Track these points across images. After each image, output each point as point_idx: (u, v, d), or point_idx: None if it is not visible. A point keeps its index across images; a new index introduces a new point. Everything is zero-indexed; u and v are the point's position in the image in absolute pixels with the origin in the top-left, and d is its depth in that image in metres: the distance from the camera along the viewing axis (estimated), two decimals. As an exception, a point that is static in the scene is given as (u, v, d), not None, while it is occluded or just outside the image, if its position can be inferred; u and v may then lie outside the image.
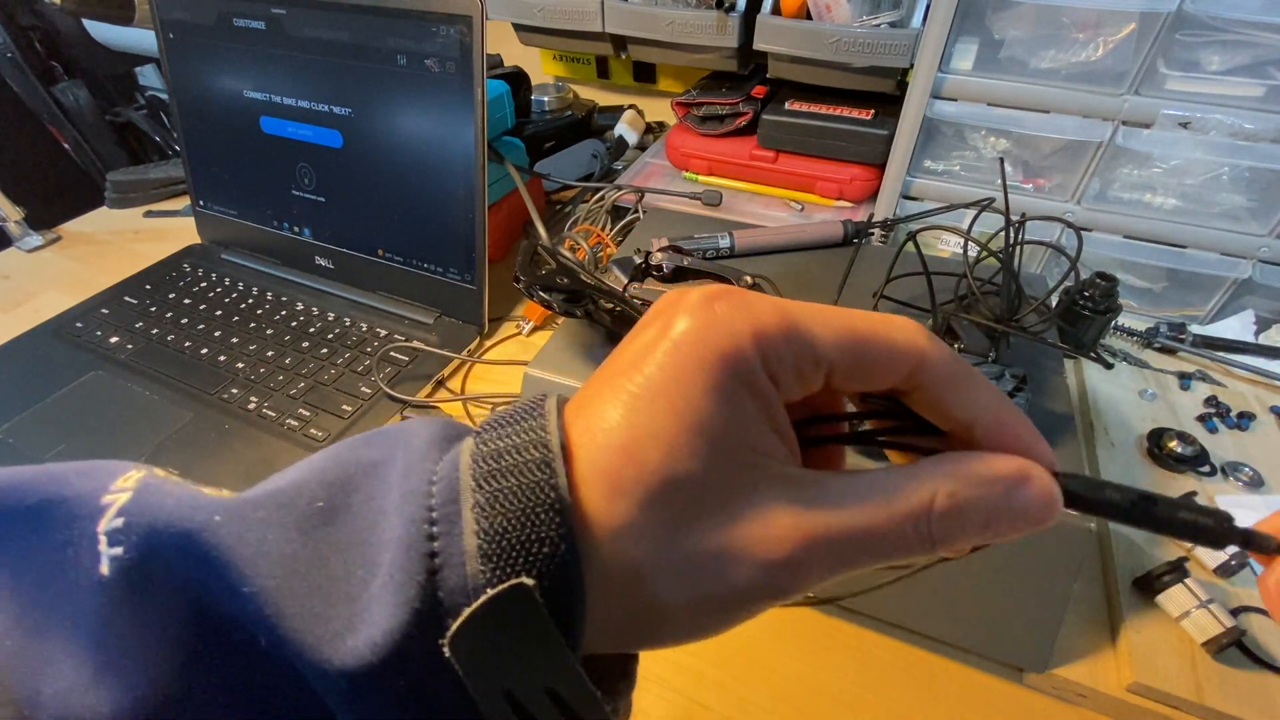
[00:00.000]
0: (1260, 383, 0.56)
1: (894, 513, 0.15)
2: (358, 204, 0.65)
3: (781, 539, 0.15)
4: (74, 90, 1.05)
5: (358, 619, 0.14)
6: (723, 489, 0.15)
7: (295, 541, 0.15)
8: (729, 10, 0.67)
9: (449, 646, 0.14)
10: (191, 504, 0.16)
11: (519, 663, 0.14)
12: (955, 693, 0.39)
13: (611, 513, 0.15)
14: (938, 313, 0.41)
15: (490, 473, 0.15)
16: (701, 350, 0.15)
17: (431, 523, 0.15)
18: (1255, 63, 0.53)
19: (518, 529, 0.14)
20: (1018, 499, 0.16)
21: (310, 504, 0.16)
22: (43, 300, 0.71)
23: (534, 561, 0.14)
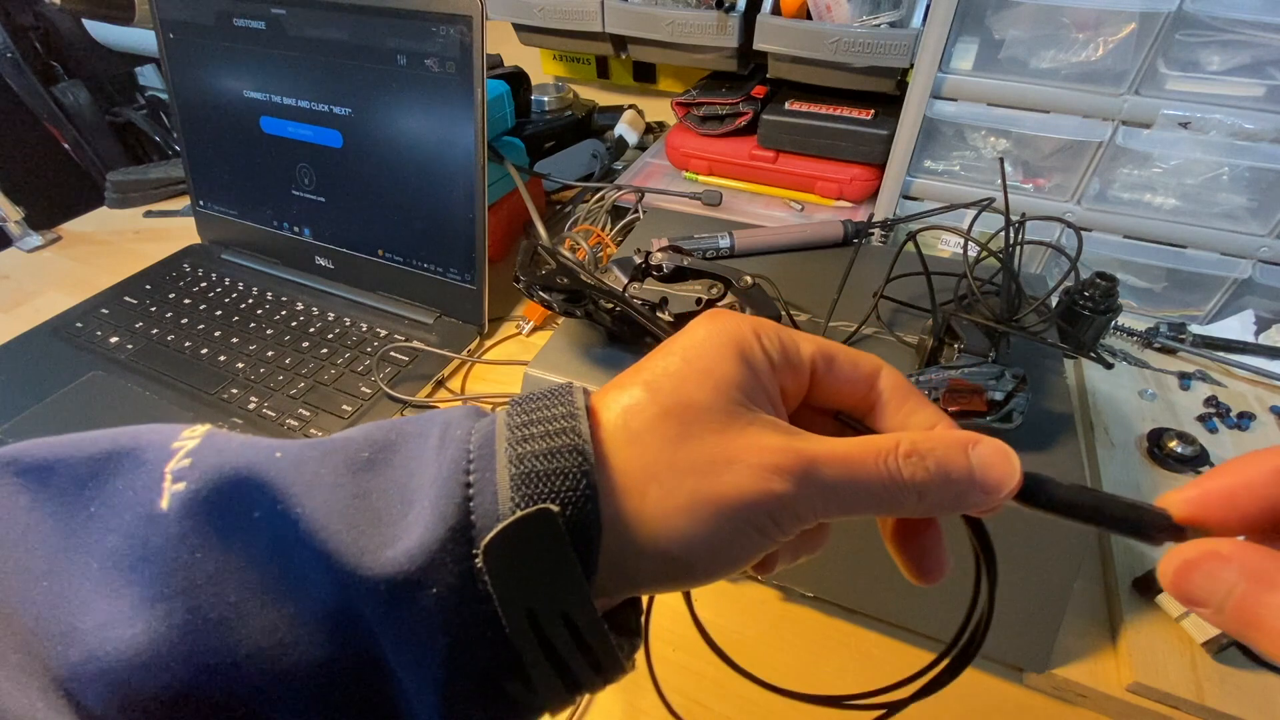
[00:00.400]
0: (1260, 383, 0.56)
1: (867, 449, 0.18)
2: (358, 204, 0.65)
3: (772, 449, 0.17)
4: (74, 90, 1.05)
5: (398, 537, 0.16)
6: (724, 414, 0.18)
7: (344, 477, 0.17)
8: (729, 10, 0.67)
9: (482, 555, 0.16)
10: (254, 445, 0.18)
11: (541, 583, 0.16)
12: (955, 693, 0.39)
13: (627, 429, 0.18)
14: (938, 313, 0.41)
15: (522, 424, 0.18)
16: (713, 332, 0.19)
17: (469, 462, 0.17)
18: (1255, 63, 0.53)
19: (545, 467, 0.17)
20: (975, 453, 0.18)
21: (357, 454, 0.18)
22: (43, 300, 0.71)
23: (558, 493, 0.16)
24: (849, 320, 0.46)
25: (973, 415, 0.36)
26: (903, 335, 0.46)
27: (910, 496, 0.18)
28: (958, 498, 0.18)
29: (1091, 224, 0.64)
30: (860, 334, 0.46)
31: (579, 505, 0.16)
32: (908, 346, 0.45)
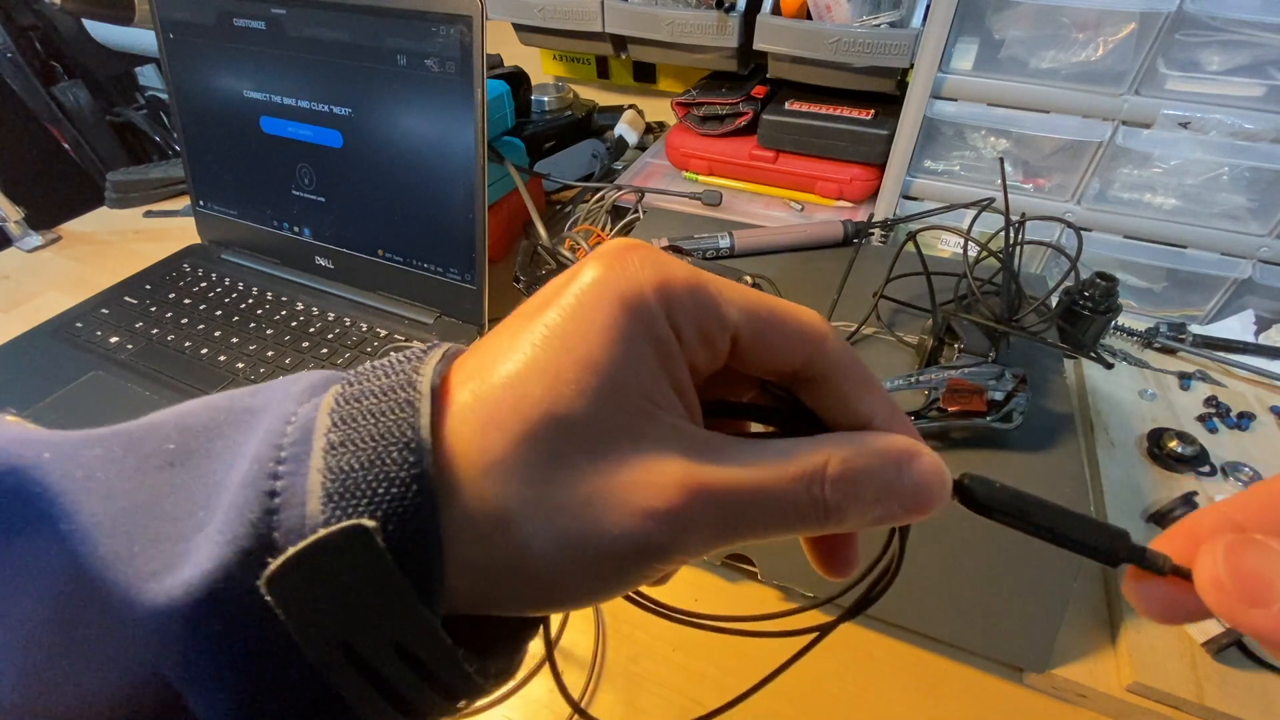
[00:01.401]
0: (1260, 383, 0.56)
1: (788, 473, 0.15)
2: (358, 204, 0.65)
3: (665, 486, 0.14)
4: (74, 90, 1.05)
5: (180, 559, 0.13)
6: (609, 430, 0.14)
7: (130, 480, 0.14)
8: (729, 10, 0.67)
9: (265, 587, 0.13)
10: (22, 440, 0.14)
11: (358, 612, 0.13)
12: (955, 693, 0.39)
13: (483, 448, 0.14)
14: (938, 313, 0.41)
15: (351, 414, 0.14)
16: (604, 293, 0.14)
17: (279, 461, 0.14)
18: (1255, 63, 0.53)
19: (366, 468, 0.13)
20: (909, 472, 0.16)
21: (160, 445, 0.15)
22: (43, 300, 0.71)
23: (379, 503, 0.13)
24: (849, 320, 0.46)
25: (973, 415, 0.36)
26: (903, 335, 0.46)
27: (834, 522, 0.15)
28: (884, 518, 0.16)
29: (1091, 224, 0.64)
30: (860, 334, 0.46)
31: (406, 518, 0.13)
32: (908, 346, 0.45)
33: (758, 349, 0.16)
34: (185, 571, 0.13)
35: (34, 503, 0.14)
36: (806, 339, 0.16)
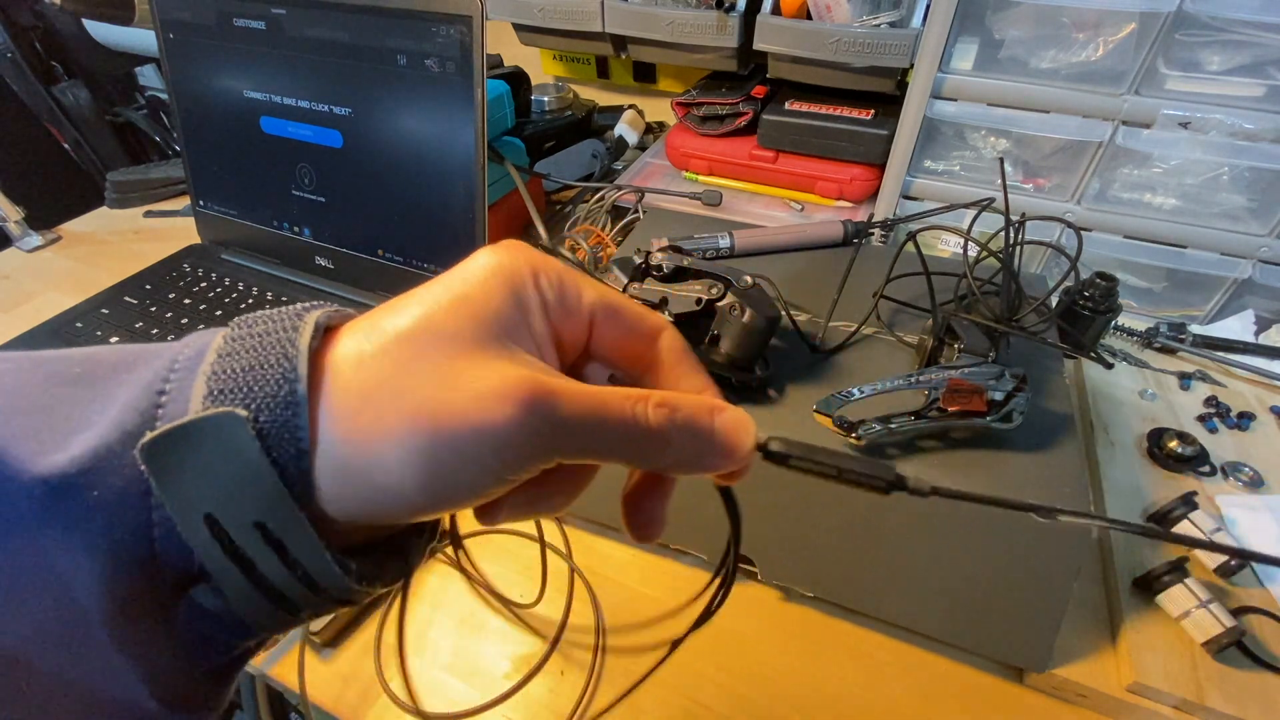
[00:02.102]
0: (1260, 383, 0.56)
1: (619, 393, 0.17)
2: (358, 204, 0.65)
3: (506, 376, 0.16)
4: (74, 90, 1.05)
5: (70, 441, 0.15)
6: (467, 343, 0.16)
7: (34, 389, 0.16)
8: (729, 10, 0.67)
9: (140, 454, 0.14)
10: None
11: (224, 487, 0.15)
12: (955, 693, 0.39)
13: (358, 354, 0.16)
14: (938, 313, 0.41)
15: (240, 337, 0.16)
16: (488, 265, 0.18)
17: (171, 371, 0.16)
18: (1255, 63, 0.53)
19: (246, 371, 0.15)
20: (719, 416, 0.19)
21: (67, 367, 0.16)
22: (43, 300, 0.71)
23: (254, 397, 0.15)
24: (849, 320, 0.46)
25: (973, 415, 0.36)
26: (903, 335, 0.46)
27: (655, 445, 0.17)
28: (699, 455, 0.18)
29: (1091, 224, 0.64)
30: (860, 334, 0.46)
31: (276, 410, 0.15)
32: (908, 346, 0.45)
33: (609, 334, 0.20)
34: (73, 449, 0.14)
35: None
36: (651, 326, 0.20)
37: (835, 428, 0.37)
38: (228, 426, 0.15)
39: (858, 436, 0.36)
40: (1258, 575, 0.41)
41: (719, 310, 0.41)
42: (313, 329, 0.16)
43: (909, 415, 0.37)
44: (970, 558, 0.37)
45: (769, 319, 0.39)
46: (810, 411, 0.37)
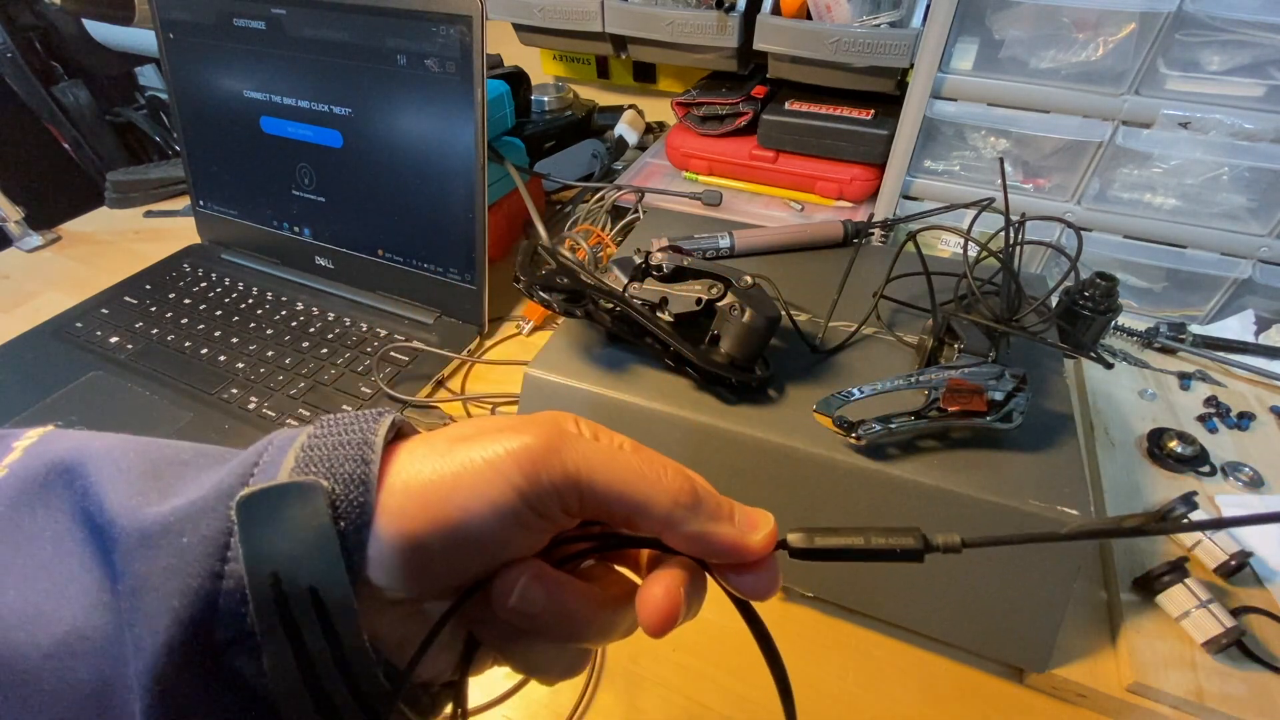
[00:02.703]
0: (1260, 383, 0.56)
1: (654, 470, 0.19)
2: (358, 204, 0.65)
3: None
4: (74, 90, 1.05)
5: (172, 500, 0.17)
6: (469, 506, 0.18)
7: (152, 465, 0.18)
8: (729, 10, 0.67)
9: (235, 508, 0.16)
10: (81, 436, 0.19)
11: (293, 548, 0.16)
12: (955, 693, 0.39)
13: (405, 488, 0.18)
14: (938, 313, 0.41)
15: (322, 433, 0.19)
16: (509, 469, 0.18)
17: (266, 450, 0.18)
18: (1255, 63, 0.53)
19: (331, 449, 0.18)
20: (742, 510, 0.20)
21: (178, 453, 0.19)
22: (43, 300, 0.71)
23: (334, 474, 0.17)
24: (849, 320, 0.46)
25: (973, 415, 0.36)
26: (903, 335, 0.46)
27: (663, 499, 0.18)
28: (706, 534, 0.19)
29: (1091, 224, 0.64)
30: (860, 334, 0.46)
31: (350, 487, 0.17)
32: (908, 346, 0.45)
33: (603, 518, 0.20)
34: (174, 503, 0.17)
35: (81, 473, 0.17)
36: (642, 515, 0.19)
37: (835, 428, 0.37)
38: (309, 493, 0.17)
39: (858, 436, 0.36)
40: (1258, 575, 0.41)
41: (719, 310, 0.41)
42: (388, 425, 0.19)
43: (909, 415, 0.37)
44: (970, 558, 0.37)
45: (769, 319, 0.39)
46: (810, 411, 0.37)
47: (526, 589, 0.19)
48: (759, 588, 0.20)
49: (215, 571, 0.16)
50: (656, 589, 0.19)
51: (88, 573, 0.16)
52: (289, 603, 0.16)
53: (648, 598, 0.19)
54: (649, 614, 0.19)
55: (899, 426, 0.36)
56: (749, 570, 0.19)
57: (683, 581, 0.19)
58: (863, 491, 0.37)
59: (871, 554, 0.18)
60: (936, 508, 0.36)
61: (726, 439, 0.40)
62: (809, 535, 0.19)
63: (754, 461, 0.39)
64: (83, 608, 0.16)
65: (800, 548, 0.19)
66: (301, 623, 0.16)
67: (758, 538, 0.19)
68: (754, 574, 0.19)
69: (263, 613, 0.16)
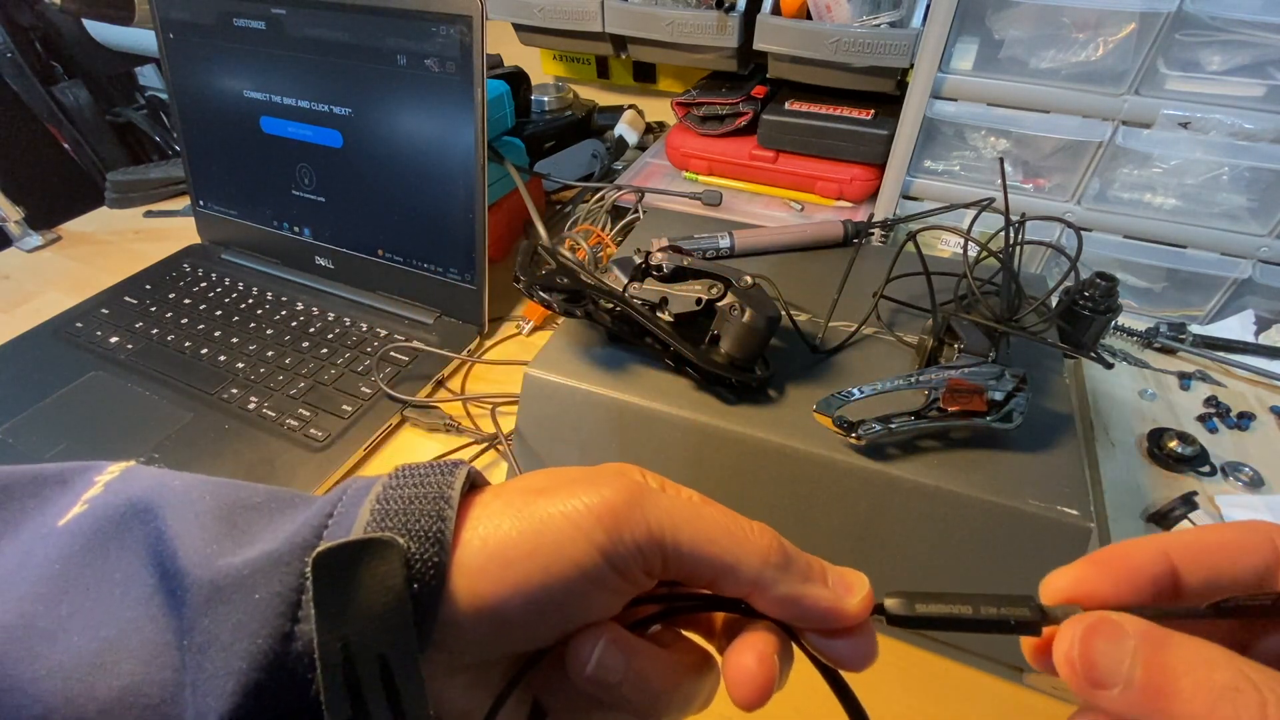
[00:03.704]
0: (1260, 383, 0.56)
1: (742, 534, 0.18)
2: (358, 204, 0.65)
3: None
4: (74, 90, 1.05)
5: (245, 550, 0.16)
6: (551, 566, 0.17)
7: (226, 509, 0.17)
8: (729, 10, 0.67)
9: (311, 565, 0.15)
10: (160, 475, 0.18)
11: (365, 611, 0.15)
12: (955, 693, 0.39)
13: (482, 549, 0.17)
14: (938, 313, 0.41)
15: (397, 485, 0.18)
16: (592, 529, 0.17)
17: (341, 499, 0.17)
18: (1255, 63, 0.53)
19: (407, 501, 0.17)
20: (835, 575, 0.18)
21: (250, 496, 0.18)
22: (43, 300, 0.71)
23: (410, 530, 0.16)
24: (849, 320, 0.46)
25: (973, 415, 0.36)
26: (903, 335, 0.46)
27: (753, 559, 0.17)
28: (804, 579, 0.18)
29: (1091, 224, 0.64)
30: (860, 334, 0.46)
31: (425, 545, 0.16)
32: (908, 346, 0.45)
33: (685, 579, 0.18)
34: (247, 554, 0.16)
35: (156, 514, 0.17)
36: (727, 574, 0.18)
37: (835, 428, 0.37)
38: (386, 551, 0.16)
39: (858, 436, 0.36)
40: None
41: (719, 310, 0.41)
42: (464, 479, 0.18)
43: (909, 415, 0.37)
44: (970, 558, 0.37)
45: (769, 319, 0.39)
46: (810, 411, 0.37)
47: (605, 655, 0.17)
48: (854, 656, 0.18)
49: (285, 633, 0.15)
50: (748, 658, 0.17)
51: (153, 623, 0.15)
52: (357, 671, 0.15)
53: (739, 665, 0.17)
54: (743, 684, 0.17)
55: (899, 426, 0.36)
56: (841, 636, 0.18)
57: (775, 648, 0.18)
58: (862, 491, 0.37)
59: (980, 625, 0.17)
60: (936, 508, 0.36)
61: (726, 439, 0.40)
62: (909, 601, 0.17)
63: (754, 461, 0.39)
64: (144, 661, 0.15)
65: (899, 615, 0.18)
66: (368, 695, 0.15)
67: (854, 602, 0.18)
68: (848, 640, 0.18)
69: (330, 681, 0.15)
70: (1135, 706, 0.13)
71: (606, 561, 0.17)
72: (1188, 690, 0.13)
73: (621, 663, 0.17)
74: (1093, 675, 0.14)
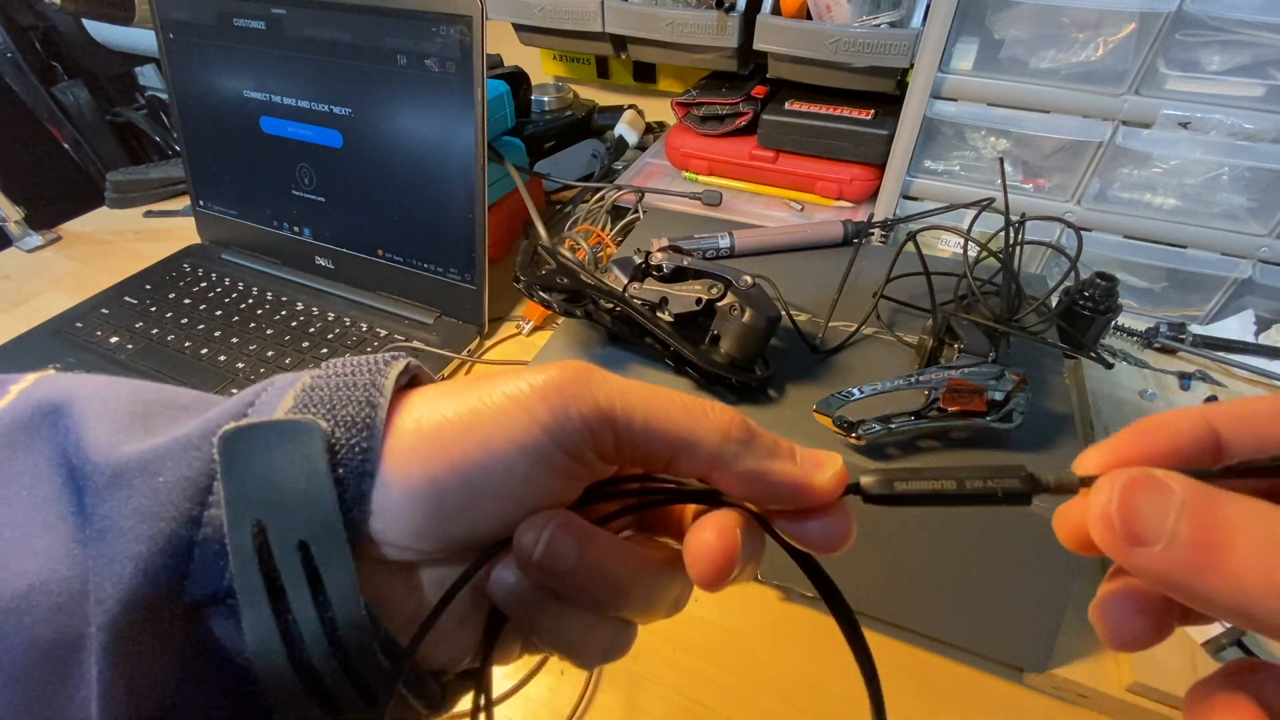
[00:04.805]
0: (1260, 383, 0.56)
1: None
2: (358, 204, 0.65)
3: None
4: (74, 90, 1.05)
5: (150, 440, 0.15)
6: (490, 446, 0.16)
7: (141, 402, 0.17)
8: (729, 10, 0.67)
9: (218, 443, 0.15)
10: (76, 379, 0.17)
11: (282, 493, 0.14)
12: (955, 693, 0.39)
13: (427, 401, 0.17)
14: (938, 313, 0.41)
15: (334, 366, 0.17)
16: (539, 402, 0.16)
17: (262, 391, 0.17)
18: (1255, 63, 0.53)
19: (334, 391, 0.16)
20: (804, 451, 0.17)
21: (176, 397, 0.17)
22: (43, 300, 0.71)
23: (335, 416, 0.16)
24: (849, 320, 0.46)
25: (973, 415, 0.36)
26: (903, 335, 0.46)
27: (711, 433, 0.16)
28: (769, 455, 0.16)
29: (1091, 224, 0.64)
30: (860, 334, 0.46)
31: (352, 432, 0.15)
32: (908, 346, 0.45)
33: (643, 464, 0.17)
34: (154, 440, 0.15)
35: (67, 413, 0.16)
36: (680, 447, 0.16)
37: (835, 428, 0.37)
38: (304, 433, 0.15)
39: (858, 436, 0.36)
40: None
41: (719, 310, 0.41)
42: (400, 369, 0.17)
43: (909, 415, 0.37)
44: (970, 557, 0.37)
45: (769, 319, 0.39)
46: (810, 411, 0.37)
47: (555, 539, 0.16)
48: (828, 535, 0.17)
49: (192, 517, 0.14)
50: (707, 532, 0.16)
51: (60, 520, 0.14)
52: (274, 558, 0.14)
53: (698, 540, 0.16)
54: (701, 559, 0.16)
55: (899, 426, 0.36)
56: (814, 516, 0.17)
57: (737, 523, 0.17)
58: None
59: (965, 499, 0.15)
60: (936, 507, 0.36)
61: (726, 439, 0.40)
62: (887, 479, 0.16)
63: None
64: (49, 558, 0.14)
65: (877, 494, 0.16)
66: (287, 582, 0.14)
67: (825, 477, 0.16)
68: (820, 520, 0.17)
69: (243, 568, 0.14)
70: (1180, 565, 0.12)
71: (550, 438, 0.15)
72: (1243, 545, 0.11)
73: (573, 549, 0.16)
74: (1132, 530, 0.12)
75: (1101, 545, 0.13)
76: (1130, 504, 0.13)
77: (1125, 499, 0.13)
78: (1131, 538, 0.12)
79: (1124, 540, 0.13)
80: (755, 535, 0.17)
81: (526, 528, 0.16)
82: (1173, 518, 0.12)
